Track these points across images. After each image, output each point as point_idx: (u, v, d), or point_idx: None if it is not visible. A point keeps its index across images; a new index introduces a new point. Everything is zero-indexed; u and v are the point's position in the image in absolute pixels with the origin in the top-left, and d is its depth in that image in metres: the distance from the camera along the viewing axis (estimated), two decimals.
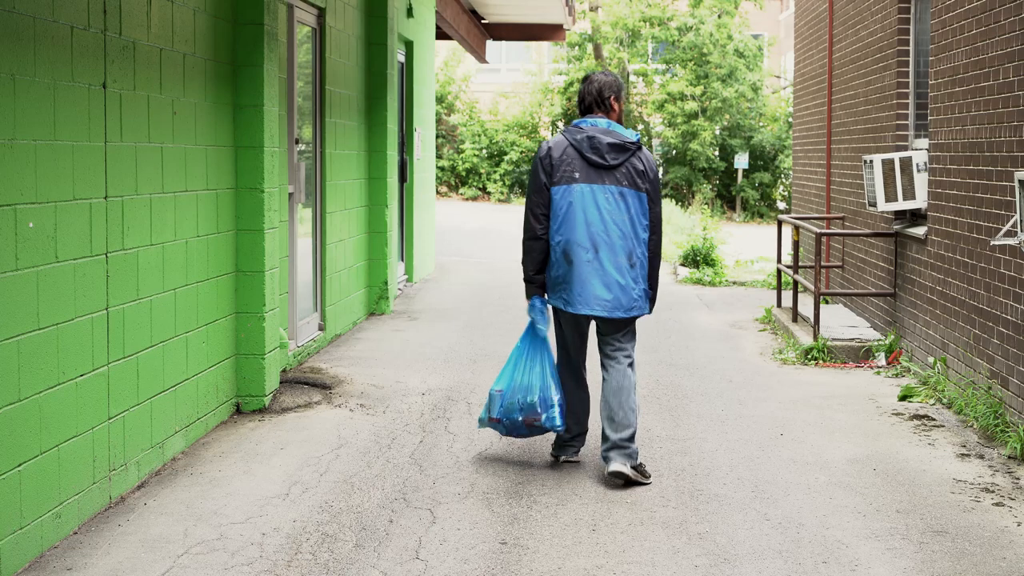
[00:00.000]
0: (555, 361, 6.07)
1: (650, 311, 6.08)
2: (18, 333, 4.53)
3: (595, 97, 6.01)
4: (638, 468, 5.85)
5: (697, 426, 7.02)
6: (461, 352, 9.28)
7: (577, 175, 5.82)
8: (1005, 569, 4.73)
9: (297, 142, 8.54)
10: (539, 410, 5.91)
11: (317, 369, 8.39)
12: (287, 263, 8.24)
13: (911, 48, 9.45)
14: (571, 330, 6.05)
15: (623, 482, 5.76)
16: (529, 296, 6.02)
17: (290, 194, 8.39)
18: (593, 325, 6.25)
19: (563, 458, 6.17)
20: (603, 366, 5.99)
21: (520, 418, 5.94)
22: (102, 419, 5.27)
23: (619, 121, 6.04)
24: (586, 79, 6.10)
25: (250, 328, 7.11)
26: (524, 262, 5.97)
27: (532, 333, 5.99)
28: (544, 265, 5.96)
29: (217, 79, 6.74)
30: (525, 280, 6.01)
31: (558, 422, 5.93)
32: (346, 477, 5.86)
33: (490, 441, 6.57)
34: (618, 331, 5.97)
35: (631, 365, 5.96)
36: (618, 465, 5.76)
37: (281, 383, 7.63)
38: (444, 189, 32.06)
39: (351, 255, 10.25)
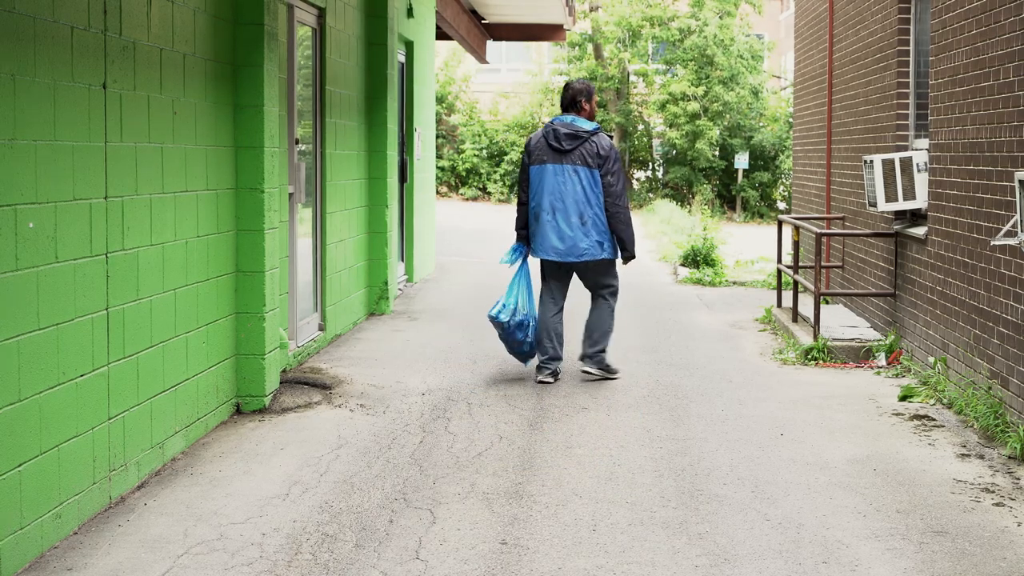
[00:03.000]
0: (532, 291, 8.19)
1: (616, 257, 8.09)
2: (18, 333, 4.53)
3: (569, 100, 8.26)
4: (605, 368, 8.17)
5: (697, 426, 7.02)
6: (461, 352, 9.28)
7: (545, 158, 8.03)
8: (1005, 569, 4.73)
9: (297, 142, 8.54)
10: (522, 323, 8.07)
11: (317, 369, 8.39)
12: (287, 263, 8.24)
13: (911, 48, 9.45)
14: (548, 272, 8.21)
15: (593, 378, 8.12)
16: (516, 241, 8.31)
17: (290, 194, 8.39)
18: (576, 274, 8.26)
19: (539, 379, 8.06)
20: (592, 301, 8.24)
21: (517, 333, 8.09)
22: (102, 419, 5.27)
23: (590, 117, 8.21)
24: (566, 86, 8.32)
25: (250, 328, 7.11)
26: (515, 220, 8.32)
27: (519, 269, 8.23)
28: (527, 222, 8.19)
29: (217, 79, 6.74)
30: (515, 231, 8.32)
31: (529, 336, 8.10)
32: (346, 477, 5.86)
33: (490, 441, 6.57)
34: (594, 275, 8.13)
35: (608, 297, 8.16)
36: (588, 366, 8.15)
37: (281, 383, 7.63)
38: (444, 189, 32.07)
39: (351, 255, 10.25)
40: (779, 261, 11.76)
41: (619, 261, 8.19)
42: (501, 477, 5.89)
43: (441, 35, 16.00)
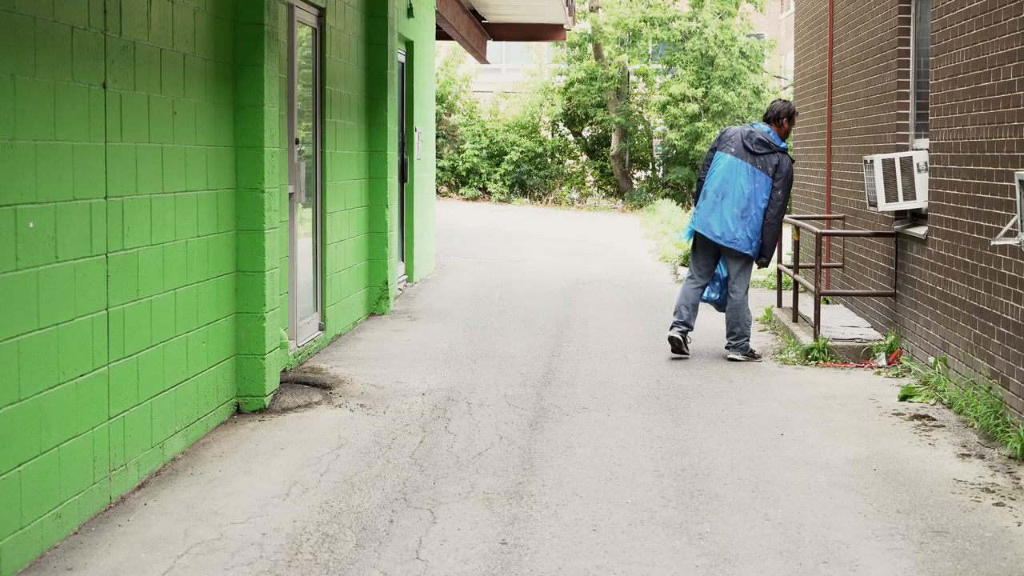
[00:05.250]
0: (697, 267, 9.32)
1: (755, 257, 9.09)
2: (18, 333, 4.53)
3: (774, 115, 9.28)
4: (749, 354, 9.20)
5: (697, 426, 7.02)
6: (461, 352, 9.28)
7: (734, 150, 9.08)
8: (1005, 569, 4.73)
9: (297, 142, 8.54)
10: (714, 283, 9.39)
11: (317, 369, 8.39)
12: (287, 263, 8.24)
13: (911, 48, 9.45)
14: (698, 246, 9.28)
15: (737, 362, 9.07)
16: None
17: (290, 194, 8.39)
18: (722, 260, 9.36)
19: (669, 334, 9.22)
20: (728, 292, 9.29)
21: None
22: (102, 419, 5.26)
23: (784, 135, 9.26)
24: (773, 102, 9.39)
25: (250, 328, 7.11)
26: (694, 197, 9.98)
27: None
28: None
29: (217, 79, 6.74)
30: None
31: (712, 295, 9.41)
32: (346, 477, 5.86)
33: (490, 441, 6.57)
34: (732, 264, 9.15)
35: (745, 293, 9.17)
36: (730, 353, 9.19)
37: (281, 383, 7.63)
38: (444, 189, 32.05)
39: (351, 255, 10.24)
40: (779, 261, 11.76)
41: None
42: (501, 477, 5.89)
43: (441, 35, 15.99)
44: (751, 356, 9.20)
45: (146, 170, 5.71)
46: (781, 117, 9.21)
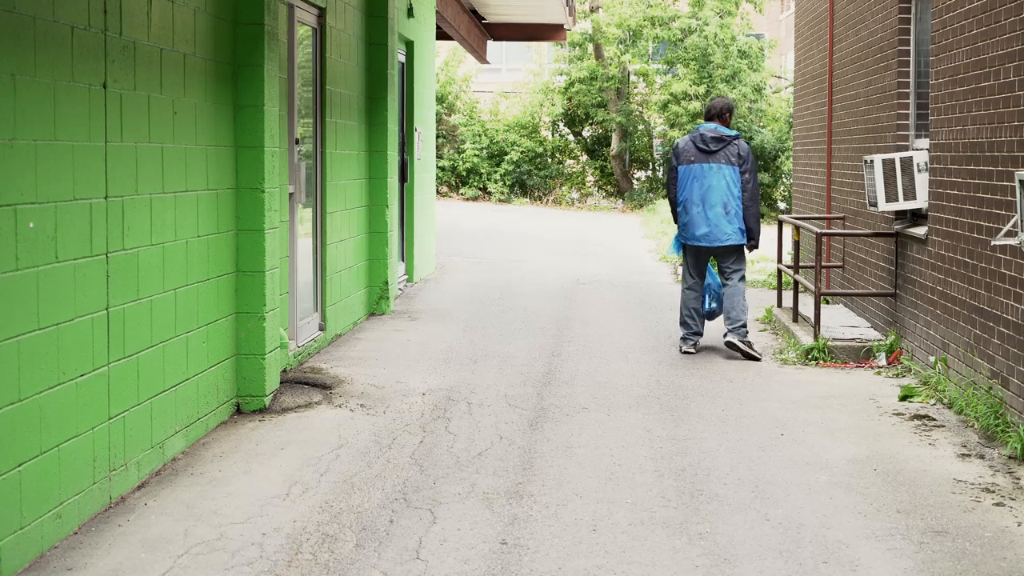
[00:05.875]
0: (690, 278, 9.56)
1: (748, 243, 9.40)
2: (18, 333, 4.53)
3: (716, 112, 9.57)
4: (748, 344, 9.23)
5: (697, 426, 7.02)
6: (461, 352, 9.28)
7: (693, 158, 9.37)
8: (1005, 569, 4.73)
9: (297, 142, 8.54)
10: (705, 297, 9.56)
11: (317, 369, 8.39)
12: (287, 263, 8.24)
13: (912, 48, 9.45)
14: (690, 256, 9.55)
15: (737, 351, 9.20)
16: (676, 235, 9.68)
17: (290, 194, 8.39)
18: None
19: (683, 349, 9.47)
20: (722, 283, 9.45)
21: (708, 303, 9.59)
22: (102, 419, 5.26)
23: (727, 125, 9.54)
24: (712, 101, 9.65)
25: (250, 328, 7.11)
26: (673, 216, 9.68)
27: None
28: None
29: (217, 79, 6.74)
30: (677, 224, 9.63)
31: (705, 307, 9.57)
32: (346, 477, 5.86)
33: (490, 441, 6.57)
34: (726, 258, 9.39)
35: (741, 280, 9.38)
36: (731, 337, 9.22)
37: (281, 383, 7.63)
38: (445, 189, 32.04)
39: (351, 255, 10.25)
40: (779, 261, 11.76)
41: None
42: (501, 477, 5.89)
43: (441, 35, 15.99)
44: (751, 349, 9.21)
45: (146, 170, 5.71)
46: (724, 113, 9.57)
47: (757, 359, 9.15)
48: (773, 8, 40.37)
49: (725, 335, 9.28)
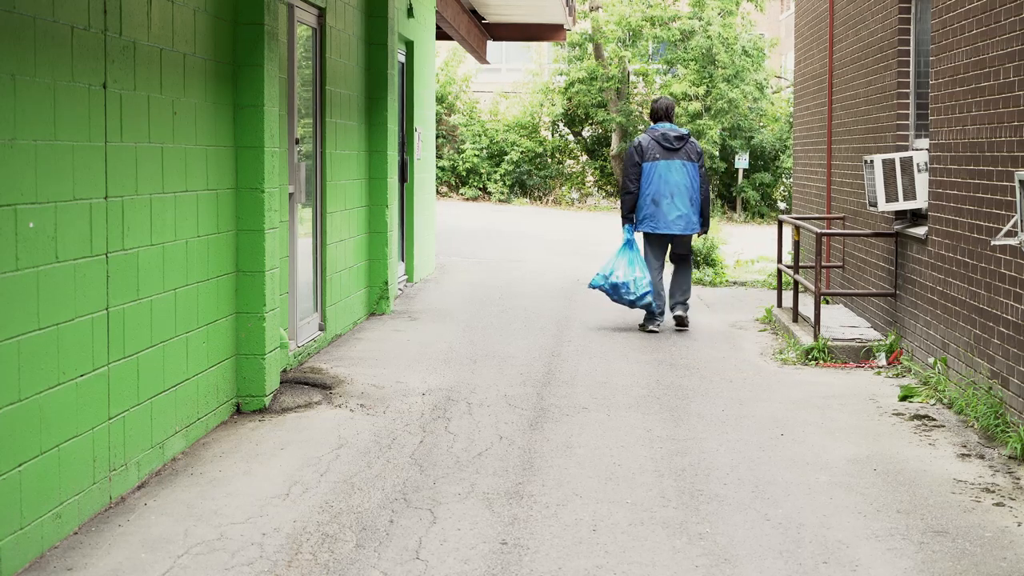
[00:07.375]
0: (645, 262, 10.41)
1: (701, 230, 10.50)
2: (18, 333, 4.53)
3: (664, 112, 10.53)
4: (686, 316, 10.53)
5: (697, 426, 7.02)
6: (461, 352, 9.28)
7: (658, 155, 10.30)
8: (1005, 569, 4.73)
9: (297, 142, 8.54)
10: (632, 289, 10.27)
11: (317, 369, 8.39)
12: (287, 263, 8.24)
13: (912, 48, 9.45)
14: (655, 244, 10.57)
15: (683, 323, 10.49)
16: (623, 224, 10.57)
17: (290, 194, 8.38)
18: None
19: (649, 327, 10.40)
20: (675, 266, 10.62)
21: (624, 293, 10.31)
22: (102, 419, 5.26)
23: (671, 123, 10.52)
24: (658, 101, 10.59)
25: (250, 328, 7.11)
26: (623, 206, 10.57)
27: (627, 244, 10.44)
28: (634, 207, 10.44)
29: (217, 79, 6.74)
30: (622, 216, 10.57)
31: (649, 300, 10.29)
32: (346, 477, 5.86)
33: (490, 441, 6.57)
34: (686, 244, 10.59)
35: (690, 262, 10.61)
36: (679, 311, 10.50)
37: (281, 383, 7.63)
38: (444, 189, 32.05)
39: (351, 255, 10.24)
40: (779, 261, 11.76)
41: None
42: (501, 477, 5.89)
43: (441, 35, 15.99)
44: (685, 320, 10.53)
45: (146, 170, 5.71)
46: (671, 112, 10.56)
47: (686, 327, 10.54)
48: (773, 8, 40.38)
49: (674, 308, 10.48)
